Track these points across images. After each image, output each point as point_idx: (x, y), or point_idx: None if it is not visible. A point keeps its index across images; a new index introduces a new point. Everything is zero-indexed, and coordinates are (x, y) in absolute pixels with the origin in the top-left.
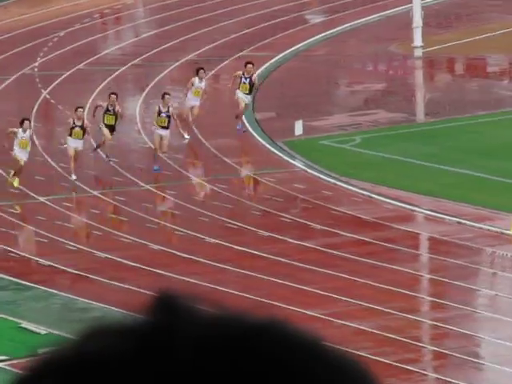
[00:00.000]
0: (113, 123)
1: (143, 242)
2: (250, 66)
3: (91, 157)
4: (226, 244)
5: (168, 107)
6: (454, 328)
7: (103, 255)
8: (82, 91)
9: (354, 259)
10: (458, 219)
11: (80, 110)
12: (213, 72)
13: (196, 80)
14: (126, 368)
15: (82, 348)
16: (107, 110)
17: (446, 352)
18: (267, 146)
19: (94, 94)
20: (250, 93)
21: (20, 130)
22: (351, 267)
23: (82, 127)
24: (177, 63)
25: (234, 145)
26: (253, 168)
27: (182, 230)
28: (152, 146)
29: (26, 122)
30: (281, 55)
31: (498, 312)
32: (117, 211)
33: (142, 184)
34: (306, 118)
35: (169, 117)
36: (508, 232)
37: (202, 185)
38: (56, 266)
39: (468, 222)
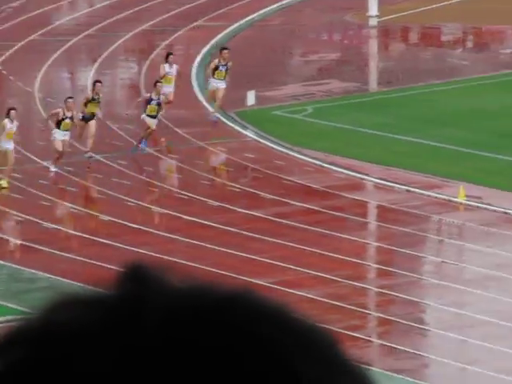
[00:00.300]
0: (94, 111)
1: (92, 212)
2: (225, 51)
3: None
4: (176, 214)
5: (159, 95)
6: (400, 295)
7: (51, 226)
8: (34, 62)
9: (303, 228)
10: (407, 187)
11: (70, 100)
12: (167, 42)
13: (166, 66)
14: (92, 340)
15: (49, 319)
16: (92, 98)
17: (392, 318)
18: (219, 116)
19: (47, 64)
20: (224, 78)
21: (7, 120)
22: (300, 236)
23: (72, 118)
24: (131, 33)
25: (186, 115)
26: (204, 138)
27: (131, 200)
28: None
29: (13, 112)
30: (235, 25)
31: (444, 279)
32: (65, 182)
33: (92, 155)
34: (260, 88)
35: (159, 104)
36: (456, 199)
37: (152, 155)
38: (2, 236)
39: (417, 190)
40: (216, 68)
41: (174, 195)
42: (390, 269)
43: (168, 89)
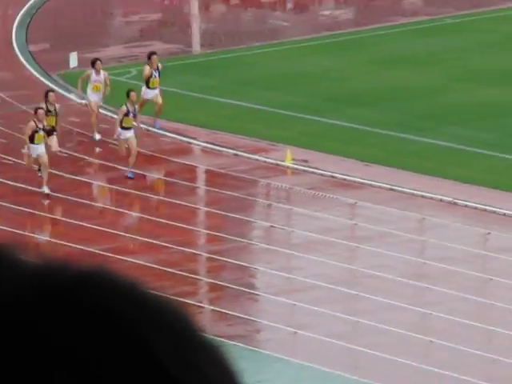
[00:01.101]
0: (54, 124)
1: None
2: (155, 56)
3: None
4: (1, 180)
5: (134, 106)
6: (230, 260)
7: None
8: None
9: (134, 193)
10: (234, 151)
11: (41, 111)
12: None
13: (93, 73)
14: None
15: None
16: (48, 110)
17: (223, 284)
18: (41, 78)
19: None
20: (159, 85)
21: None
22: (129, 201)
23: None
24: None
25: (7, 78)
26: (27, 101)
27: None
28: None
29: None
30: None
31: (273, 243)
32: None
33: None
34: (81, 49)
35: (135, 116)
36: (283, 163)
37: None
38: None
39: (244, 154)
40: (150, 76)
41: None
42: (220, 234)
43: (95, 97)
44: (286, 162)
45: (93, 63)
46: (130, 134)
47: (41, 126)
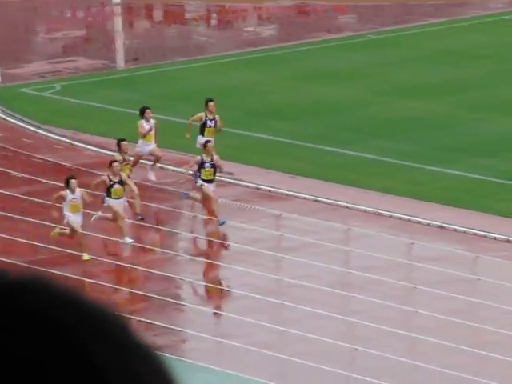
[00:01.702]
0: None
1: None
2: (212, 103)
3: None
4: None
5: (212, 155)
6: (155, 271)
7: None
8: None
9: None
10: (160, 164)
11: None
12: None
13: (143, 123)
14: None
15: None
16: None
17: (148, 295)
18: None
19: None
20: (214, 135)
21: (67, 191)
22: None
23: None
24: None
25: None
26: None
27: None
28: None
29: (73, 181)
30: None
31: (200, 255)
32: None
33: None
34: (4, 65)
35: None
36: None
37: None
38: None
39: (170, 167)
40: (204, 124)
41: None
42: (145, 245)
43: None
44: None
45: (142, 111)
46: (211, 186)
47: (116, 179)
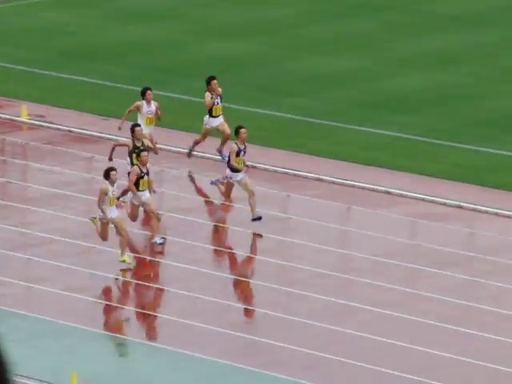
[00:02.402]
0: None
1: None
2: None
3: None
4: None
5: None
6: None
7: None
8: None
9: None
10: None
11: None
12: None
13: (144, 104)
14: None
15: None
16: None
17: None
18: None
19: None
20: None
21: (108, 185)
22: None
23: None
24: None
25: None
26: None
27: None
28: None
29: (113, 173)
30: None
31: (9, 199)
32: None
33: None
34: None
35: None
36: (19, 119)
37: None
38: None
39: None
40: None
41: None
42: None
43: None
44: (22, 118)
45: (143, 92)
46: (241, 175)
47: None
